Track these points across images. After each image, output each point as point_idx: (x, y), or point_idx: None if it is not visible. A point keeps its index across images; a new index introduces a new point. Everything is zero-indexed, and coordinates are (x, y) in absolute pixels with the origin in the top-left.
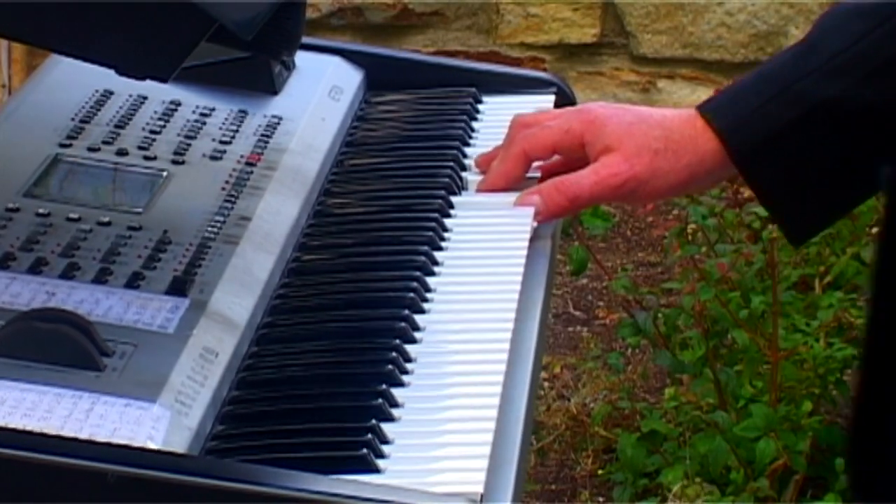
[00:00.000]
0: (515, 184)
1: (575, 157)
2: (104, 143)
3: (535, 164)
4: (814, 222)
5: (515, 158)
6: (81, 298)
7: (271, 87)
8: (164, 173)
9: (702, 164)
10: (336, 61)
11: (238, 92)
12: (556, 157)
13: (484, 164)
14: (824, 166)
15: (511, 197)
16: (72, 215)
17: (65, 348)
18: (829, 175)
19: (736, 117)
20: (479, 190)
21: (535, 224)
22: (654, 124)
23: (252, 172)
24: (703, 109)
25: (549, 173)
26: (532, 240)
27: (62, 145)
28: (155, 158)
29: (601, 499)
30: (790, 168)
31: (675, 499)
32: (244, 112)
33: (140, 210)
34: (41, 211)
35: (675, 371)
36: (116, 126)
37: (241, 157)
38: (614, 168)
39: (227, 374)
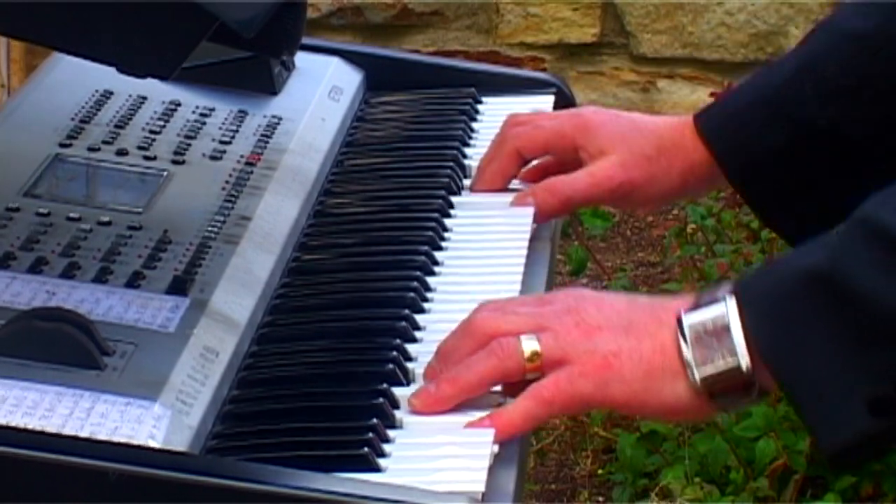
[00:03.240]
0: (509, 181)
1: (568, 158)
2: (104, 143)
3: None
4: (808, 229)
5: (508, 156)
6: (82, 298)
7: (271, 88)
8: (165, 173)
9: (693, 173)
10: (336, 62)
11: (238, 92)
12: (547, 157)
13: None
14: (817, 187)
15: (510, 197)
16: (72, 215)
17: (65, 347)
18: (822, 195)
19: (730, 139)
20: (473, 189)
21: (535, 226)
22: (648, 132)
23: (252, 172)
24: (699, 125)
25: (541, 172)
26: (532, 240)
27: (62, 145)
28: (155, 158)
29: (601, 499)
30: (783, 186)
31: (664, 496)
32: (244, 112)
33: (140, 210)
34: (41, 210)
35: None
36: (116, 126)
37: (241, 157)
38: (609, 171)
39: (228, 374)
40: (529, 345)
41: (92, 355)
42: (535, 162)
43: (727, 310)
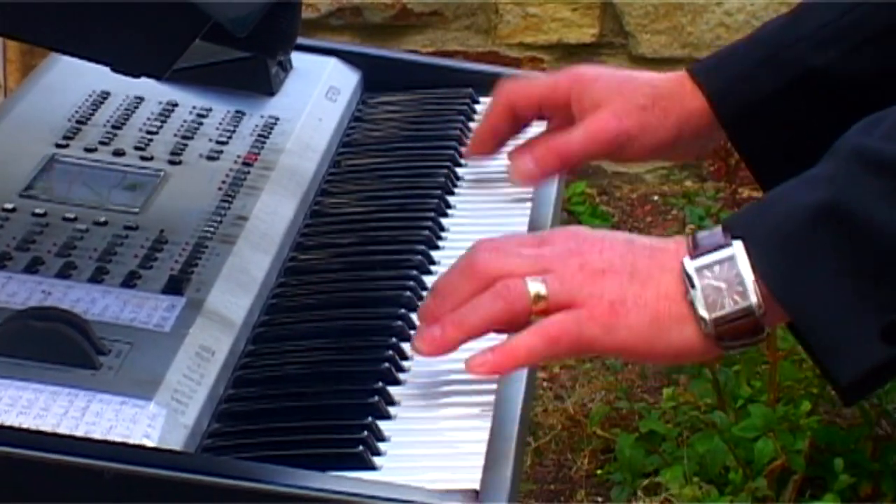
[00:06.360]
0: (502, 142)
1: (560, 115)
2: (101, 143)
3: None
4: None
5: (501, 110)
6: (78, 297)
7: (268, 88)
8: (161, 173)
9: (689, 123)
10: (333, 62)
11: (235, 92)
12: (540, 132)
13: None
14: (810, 134)
15: (509, 196)
16: (68, 215)
17: (61, 347)
18: (816, 143)
19: (724, 80)
20: (466, 154)
21: (533, 189)
22: (643, 83)
23: (249, 172)
24: (694, 70)
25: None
26: None
27: (59, 146)
28: (151, 159)
29: (599, 499)
30: (776, 134)
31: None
32: (241, 112)
33: (136, 210)
34: (38, 211)
35: (674, 371)
36: (113, 127)
37: (238, 157)
38: (603, 123)
39: (224, 373)
40: (535, 287)
41: (87, 355)
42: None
43: (735, 253)
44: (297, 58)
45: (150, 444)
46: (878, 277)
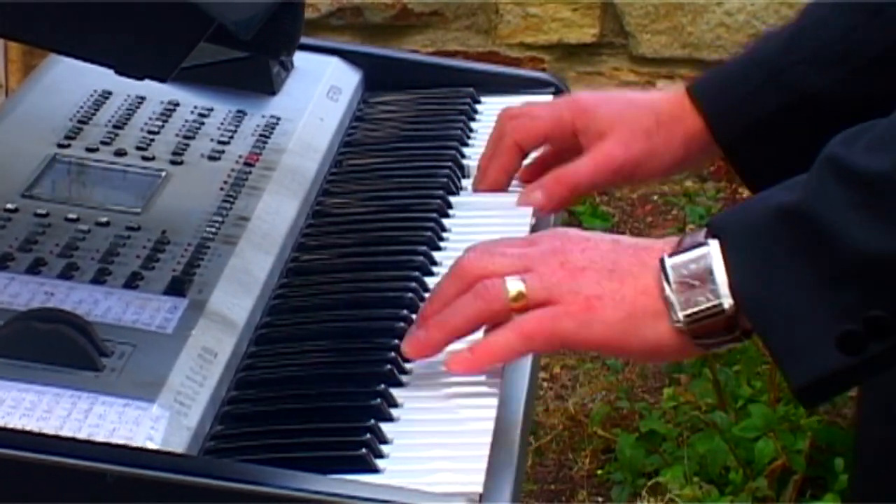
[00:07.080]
0: (512, 176)
1: (567, 145)
2: (102, 143)
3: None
4: None
5: (509, 150)
6: (80, 298)
7: (270, 88)
8: (163, 173)
9: (694, 141)
10: (334, 62)
11: (236, 92)
12: (547, 148)
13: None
14: (810, 157)
15: (509, 196)
16: (70, 215)
17: (63, 348)
18: (811, 160)
19: (722, 102)
20: (478, 188)
21: (535, 220)
22: (644, 106)
23: (250, 173)
24: (692, 91)
25: (539, 167)
26: None
27: (60, 146)
28: (153, 159)
29: (600, 499)
30: (774, 155)
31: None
32: (242, 112)
33: (138, 210)
34: (40, 211)
35: (674, 371)
36: (115, 126)
37: (240, 157)
38: (611, 153)
39: (226, 374)
40: (514, 286)
41: (90, 356)
42: (532, 156)
43: (710, 251)
44: (298, 57)
45: (153, 446)
46: (838, 285)
